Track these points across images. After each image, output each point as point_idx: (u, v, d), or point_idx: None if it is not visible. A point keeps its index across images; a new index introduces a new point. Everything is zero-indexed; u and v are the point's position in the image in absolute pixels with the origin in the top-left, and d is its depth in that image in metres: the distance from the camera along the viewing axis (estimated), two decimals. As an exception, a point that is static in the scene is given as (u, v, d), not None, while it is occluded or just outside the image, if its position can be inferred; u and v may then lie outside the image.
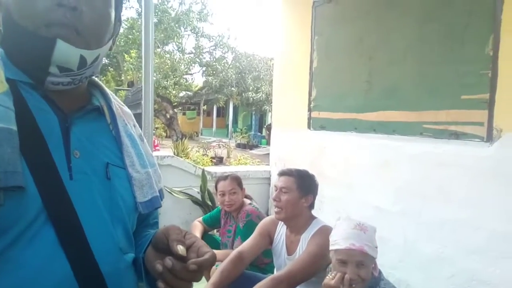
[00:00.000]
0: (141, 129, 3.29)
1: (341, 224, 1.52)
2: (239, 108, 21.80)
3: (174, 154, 9.47)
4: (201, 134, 23.56)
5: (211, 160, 8.04)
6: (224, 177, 2.50)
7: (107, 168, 0.70)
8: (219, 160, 10.37)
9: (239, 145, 18.27)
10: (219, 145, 13.03)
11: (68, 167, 0.64)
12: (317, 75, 3.16)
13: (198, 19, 11.39)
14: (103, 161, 0.70)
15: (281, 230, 2.01)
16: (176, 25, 10.89)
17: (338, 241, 1.44)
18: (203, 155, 9.24)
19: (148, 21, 3.18)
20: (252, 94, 12.05)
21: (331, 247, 1.48)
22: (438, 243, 2.14)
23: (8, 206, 0.55)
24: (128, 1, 11.26)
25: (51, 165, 0.62)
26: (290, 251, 1.93)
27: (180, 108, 20.17)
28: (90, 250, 0.63)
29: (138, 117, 3.56)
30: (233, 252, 1.91)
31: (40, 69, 0.64)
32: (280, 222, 2.00)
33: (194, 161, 7.16)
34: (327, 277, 1.41)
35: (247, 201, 2.53)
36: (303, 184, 1.90)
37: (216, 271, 1.80)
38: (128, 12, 12.45)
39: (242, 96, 12.79)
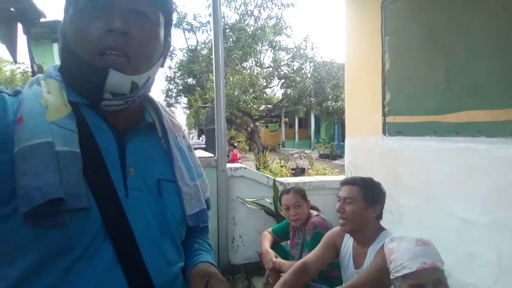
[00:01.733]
0: (215, 142, 3.44)
1: (400, 245, 1.37)
2: (321, 118, 21.52)
3: (256, 166, 9.69)
4: (284, 146, 23.72)
5: (289, 171, 8.01)
6: (287, 191, 2.46)
7: (159, 184, 0.73)
8: (300, 171, 10.30)
9: (322, 156, 17.95)
10: (300, 156, 12.96)
11: (124, 185, 0.67)
12: (390, 77, 2.97)
13: (273, 33, 11.64)
14: (155, 177, 0.73)
15: (348, 242, 1.90)
16: (253, 41, 11.27)
17: (405, 264, 1.29)
18: (282, 166, 9.26)
19: (217, 44, 3.35)
20: (332, 103, 11.80)
21: (397, 274, 1.33)
22: (541, 262, 1.82)
23: (73, 226, 0.60)
24: (209, 24, 11.99)
25: (110, 185, 0.65)
26: (357, 264, 1.81)
27: (262, 121, 20.63)
28: (144, 265, 0.66)
29: (214, 131, 3.72)
30: (297, 263, 1.86)
31: (95, 95, 0.67)
32: (346, 233, 1.90)
33: (272, 172, 7.21)
34: None
35: (314, 212, 2.45)
36: (369, 194, 1.78)
37: (278, 283, 1.77)
38: (209, 35, 13.22)
39: (322, 105, 12.60)
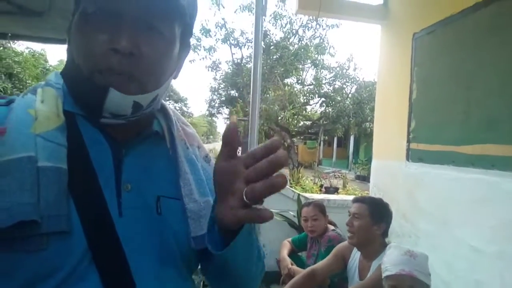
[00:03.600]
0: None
1: (392, 251, 1.57)
2: (360, 139, 21.30)
3: (290, 181, 9.89)
4: (321, 164, 23.62)
5: (319, 189, 8.14)
6: (308, 204, 2.68)
7: (158, 202, 0.64)
8: (334, 190, 10.37)
9: (358, 177, 17.70)
10: (335, 175, 12.99)
11: (118, 202, 0.60)
12: (416, 106, 3.11)
13: (316, 52, 11.91)
14: (155, 193, 0.65)
15: (356, 255, 2.09)
16: (295, 59, 11.59)
17: (388, 268, 1.51)
18: (314, 183, 9.40)
19: (256, 64, 3.65)
20: (370, 124, 11.77)
21: (383, 274, 1.54)
22: (541, 293, 1.90)
23: (51, 250, 0.53)
24: (250, 42, 12.47)
25: (101, 204, 0.58)
26: (362, 276, 1.99)
27: (301, 137, 20.75)
28: None
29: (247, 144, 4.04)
30: (307, 269, 2.08)
31: (93, 113, 0.62)
32: (355, 247, 2.09)
33: (303, 188, 7.39)
34: None
35: (331, 227, 2.65)
36: (376, 212, 1.97)
37: (288, 284, 1.99)
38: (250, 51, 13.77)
39: (361, 126, 12.61)
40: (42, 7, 1.50)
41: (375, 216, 1.95)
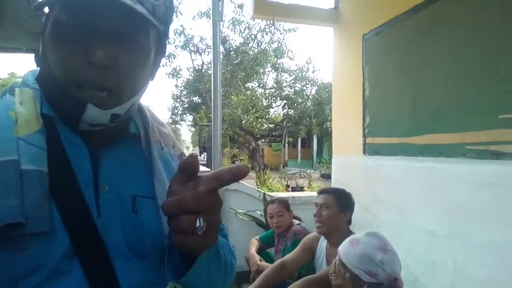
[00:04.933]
0: (212, 160, 3.80)
1: (354, 235, 1.69)
2: (323, 139, 21.88)
3: (256, 184, 10.01)
4: (286, 166, 23.97)
5: (285, 189, 8.32)
6: (272, 201, 2.78)
7: (134, 201, 0.67)
8: (300, 189, 10.63)
9: (323, 176, 18.19)
10: (300, 175, 13.29)
11: (96, 204, 0.63)
12: (370, 102, 3.30)
13: (275, 56, 12.18)
14: (132, 193, 0.67)
15: (322, 244, 2.20)
16: (255, 63, 11.81)
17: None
18: (280, 184, 9.58)
19: (216, 71, 3.73)
20: (331, 124, 12.18)
21: None
22: (487, 266, 2.09)
23: (35, 249, 0.55)
24: (210, 48, 12.55)
25: (82, 205, 0.60)
26: (329, 263, 2.10)
27: (266, 140, 20.99)
28: (118, 285, 0.61)
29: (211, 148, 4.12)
30: (277, 261, 2.16)
31: (71, 123, 0.63)
32: (321, 237, 2.20)
33: (269, 189, 7.53)
34: None
35: (296, 221, 2.75)
36: (342, 201, 2.10)
37: (260, 276, 2.07)
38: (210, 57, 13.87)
39: (322, 126, 13.01)
40: (-8, 16, 1.49)
41: (342, 205, 2.08)
